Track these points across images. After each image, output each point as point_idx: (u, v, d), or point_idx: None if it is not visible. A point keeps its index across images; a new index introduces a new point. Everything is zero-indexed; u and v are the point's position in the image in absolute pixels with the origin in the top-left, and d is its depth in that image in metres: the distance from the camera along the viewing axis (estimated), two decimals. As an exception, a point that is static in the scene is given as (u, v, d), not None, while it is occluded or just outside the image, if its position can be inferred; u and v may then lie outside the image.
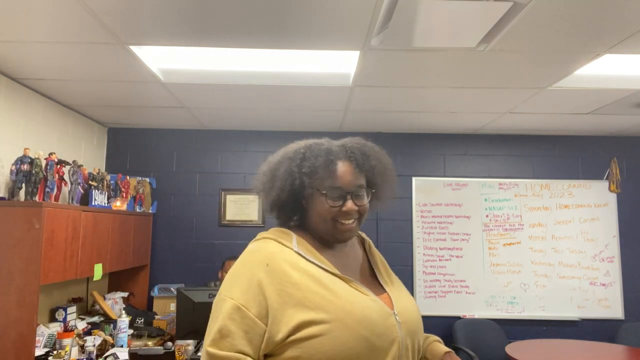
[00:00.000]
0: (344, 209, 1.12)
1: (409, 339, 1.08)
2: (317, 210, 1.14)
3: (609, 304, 4.06)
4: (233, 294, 1.05)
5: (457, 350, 3.77)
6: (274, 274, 1.05)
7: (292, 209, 1.20)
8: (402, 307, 1.11)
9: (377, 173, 1.19)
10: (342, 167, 1.15)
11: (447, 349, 1.22)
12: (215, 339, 1.01)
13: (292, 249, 1.11)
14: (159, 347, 2.95)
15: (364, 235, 1.32)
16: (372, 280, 1.19)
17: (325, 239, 1.17)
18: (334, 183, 1.13)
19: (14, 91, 2.90)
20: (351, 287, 1.08)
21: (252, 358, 1.01)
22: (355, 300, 1.05)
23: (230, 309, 1.03)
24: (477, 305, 4.07)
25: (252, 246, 1.16)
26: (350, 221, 1.14)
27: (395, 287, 1.18)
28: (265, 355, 1.04)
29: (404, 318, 1.09)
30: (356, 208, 1.14)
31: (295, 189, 1.14)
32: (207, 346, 1.02)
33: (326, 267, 1.09)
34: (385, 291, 1.15)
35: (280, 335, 1.00)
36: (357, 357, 0.99)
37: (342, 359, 0.98)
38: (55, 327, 2.94)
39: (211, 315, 1.07)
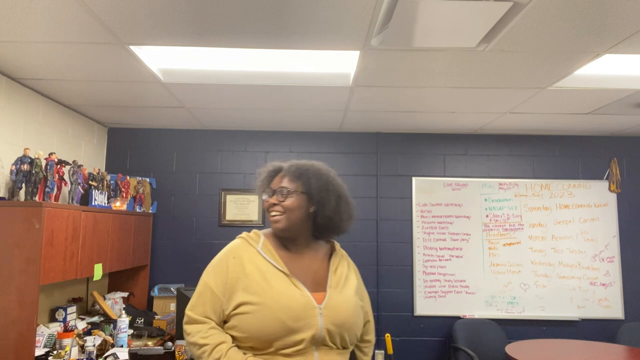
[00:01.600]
0: (270, 200, 1.52)
1: (329, 329, 1.39)
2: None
3: (609, 304, 4.06)
4: (208, 277, 1.49)
5: (457, 350, 3.77)
6: (236, 265, 1.46)
7: None
8: (331, 304, 1.43)
9: (298, 177, 1.52)
10: (277, 176, 1.55)
11: None
12: (192, 306, 1.47)
13: (255, 248, 1.50)
14: (159, 347, 2.95)
15: (336, 247, 1.65)
16: (320, 281, 1.50)
17: (286, 239, 1.54)
18: (268, 185, 1.55)
19: (14, 91, 2.90)
20: (290, 282, 1.43)
21: (214, 321, 1.44)
22: (286, 292, 1.40)
23: (203, 287, 1.47)
24: (477, 305, 4.07)
25: (230, 243, 1.56)
26: (275, 214, 1.50)
27: (337, 290, 1.48)
28: (224, 322, 1.45)
29: (328, 312, 1.41)
30: (277, 203, 1.50)
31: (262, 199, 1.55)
32: (187, 310, 1.47)
33: (276, 264, 1.46)
34: (324, 291, 1.47)
35: (229, 309, 1.42)
36: (274, 333, 1.35)
37: (263, 333, 1.36)
38: (55, 327, 2.94)
39: (195, 289, 1.51)
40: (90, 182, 3.20)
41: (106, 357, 2.79)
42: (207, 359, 1.39)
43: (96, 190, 3.25)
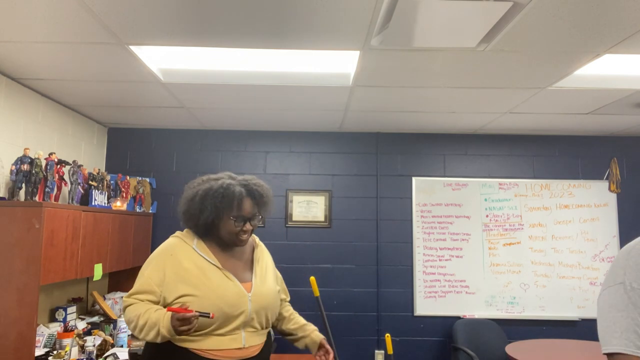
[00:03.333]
0: (244, 228, 1.75)
1: (255, 312, 1.70)
2: (227, 228, 1.74)
3: (609, 304, 4.05)
4: (146, 270, 1.71)
5: (457, 350, 3.77)
6: (174, 261, 1.69)
7: (205, 226, 1.76)
8: (256, 292, 1.73)
9: (263, 204, 1.82)
10: (246, 203, 1.76)
11: (322, 336, 1.91)
12: (129, 294, 1.71)
13: (191, 246, 1.74)
14: (159, 347, 2.95)
15: (257, 241, 1.94)
16: (246, 272, 1.79)
17: (228, 244, 1.78)
18: (240, 213, 1.74)
19: (14, 91, 2.90)
20: (223, 275, 1.69)
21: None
22: (221, 283, 1.67)
23: (144, 279, 1.69)
24: (477, 305, 4.07)
25: (167, 240, 1.80)
26: (246, 235, 1.78)
27: (260, 279, 1.78)
28: None
29: (255, 299, 1.71)
30: (252, 228, 1.78)
31: (215, 216, 1.73)
32: (124, 297, 1.72)
33: (210, 260, 1.71)
34: (251, 280, 1.76)
35: (170, 298, 1.64)
36: (213, 319, 1.59)
37: (203, 319, 1.56)
38: (55, 327, 2.94)
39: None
40: (90, 182, 3.20)
41: (106, 357, 2.79)
42: (140, 326, 1.59)
43: (96, 190, 3.25)
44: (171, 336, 1.56)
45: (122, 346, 3.01)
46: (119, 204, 3.45)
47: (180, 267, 1.67)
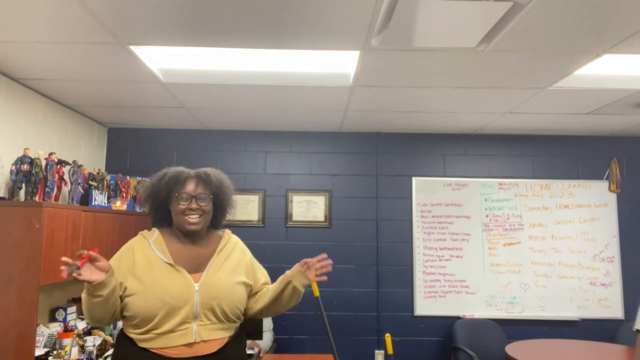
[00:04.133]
0: (190, 206, 1.72)
1: (203, 302, 1.65)
2: (175, 209, 1.74)
3: (609, 304, 4.06)
4: (112, 262, 1.69)
5: (457, 350, 3.77)
6: (128, 256, 1.73)
7: (161, 212, 1.80)
8: (205, 282, 1.69)
9: (211, 184, 1.79)
10: (190, 181, 1.78)
11: (297, 266, 1.79)
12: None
13: (148, 242, 1.75)
14: (159, 347, 2.95)
15: (227, 236, 1.90)
16: (204, 264, 1.74)
17: (182, 231, 1.76)
18: (182, 190, 1.75)
19: (14, 91, 2.90)
20: (172, 269, 1.68)
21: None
22: (166, 275, 1.66)
23: None
24: (477, 305, 4.07)
25: (133, 238, 1.81)
26: (195, 217, 1.73)
27: (213, 270, 1.73)
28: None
29: (203, 289, 1.67)
30: (198, 208, 1.73)
31: (163, 197, 1.77)
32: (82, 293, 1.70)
33: (160, 255, 1.71)
34: (202, 272, 1.71)
35: (122, 289, 1.66)
36: (155, 310, 1.61)
37: (146, 310, 1.61)
38: (55, 327, 2.94)
39: None
40: (90, 182, 3.20)
41: (106, 357, 2.79)
42: (83, 301, 1.64)
43: (96, 190, 3.25)
44: (88, 291, 1.56)
45: (122, 346, 3.01)
46: (119, 204, 3.45)
47: (132, 260, 1.71)
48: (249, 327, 2.00)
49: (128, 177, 3.76)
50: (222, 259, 1.79)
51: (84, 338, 2.89)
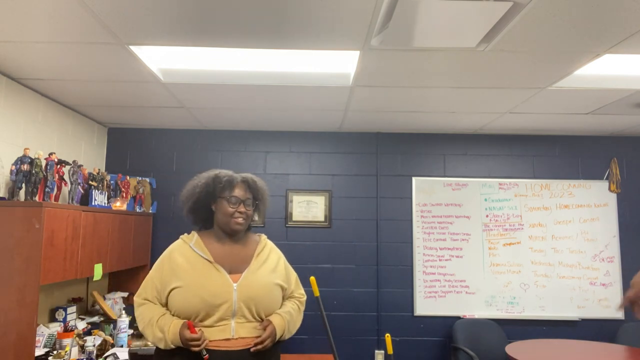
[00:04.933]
0: (239, 209, 1.89)
1: (243, 302, 1.78)
2: (222, 210, 1.90)
3: (609, 304, 4.06)
4: (152, 270, 1.92)
5: (457, 350, 3.77)
6: (171, 259, 1.87)
7: (205, 212, 1.95)
8: (244, 282, 1.82)
9: (257, 192, 1.97)
10: (239, 186, 1.93)
11: (271, 317, 1.85)
12: (138, 294, 1.91)
13: (188, 245, 1.90)
14: (159, 347, 2.95)
15: (263, 239, 2.03)
16: (242, 265, 1.88)
17: (226, 232, 1.92)
18: (232, 194, 1.90)
19: (14, 91, 2.90)
20: (213, 267, 1.82)
21: (152, 303, 1.85)
22: (206, 274, 1.80)
23: (148, 279, 1.91)
24: (477, 305, 4.07)
25: (174, 242, 1.96)
26: (242, 219, 1.90)
27: (252, 271, 1.86)
28: (166, 305, 1.84)
29: (241, 289, 1.80)
30: (246, 211, 1.91)
31: (211, 198, 1.92)
32: (134, 297, 1.91)
33: (202, 254, 1.85)
34: (241, 273, 1.84)
35: (166, 293, 1.81)
36: (196, 307, 1.75)
37: (187, 307, 1.75)
38: (55, 327, 2.94)
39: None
40: (90, 182, 3.20)
41: (106, 357, 2.79)
42: (147, 328, 1.79)
43: (96, 190, 3.25)
44: (173, 344, 1.73)
45: (122, 346, 3.01)
46: (119, 204, 3.45)
47: (175, 263, 1.85)
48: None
49: (128, 177, 3.76)
50: (260, 261, 1.93)
51: (84, 338, 2.89)
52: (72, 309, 3.21)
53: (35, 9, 1.97)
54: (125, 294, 3.75)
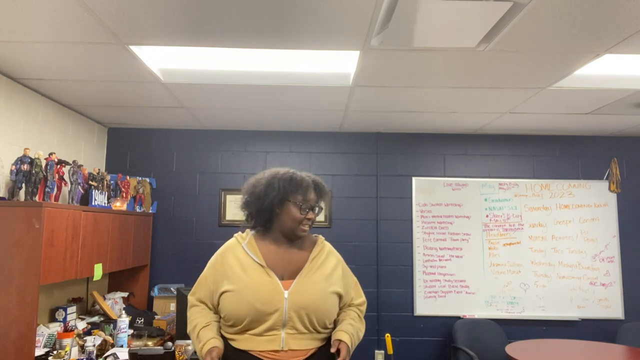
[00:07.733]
0: (308, 216, 1.75)
1: (294, 311, 1.63)
2: (290, 215, 1.74)
3: (609, 304, 4.06)
4: (206, 269, 1.83)
5: (457, 350, 3.77)
6: (224, 259, 1.77)
7: (268, 212, 1.77)
8: (296, 290, 1.66)
9: (323, 198, 1.82)
10: (311, 191, 1.78)
11: (342, 336, 1.67)
12: (192, 292, 1.83)
13: (241, 245, 1.78)
14: (159, 347, 2.95)
15: (320, 241, 1.85)
16: (296, 270, 1.73)
17: (287, 236, 1.78)
18: (306, 198, 1.76)
19: (14, 91, 2.90)
20: (264, 272, 1.69)
21: (205, 304, 1.79)
22: (258, 280, 1.67)
23: (202, 277, 1.82)
24: (477, 305, 4.07)
25: (228, 241, 1.85)
26: (308, 226, 1.77)
27: (305, 278, 1.70)
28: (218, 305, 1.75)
29: (293, 297, 1.64)
30: (314, 218, 1.78)
31: (280, 199, 1.74)
32: (188, 295, 1.84)
33: (254, 258, 1.73)
34: (293, 280, 1.69)
35: (218, 293, 1.72)
36: (245, 313, 1.63)
37: (237, 313, 1.64)
38: (55, 327, 2.94)
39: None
40: (90, 182, 3.20)
41: (106, 357, 2.79)
42: (191, 333, 1.75)
43: (96, 190, 3.25)
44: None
45: (122, 346, 3.01)
46: (119, 204, 3.45)
47: (227, 264, 1.74)
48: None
49: (128, 177, 3.76)
50: (315, 266, 1.75)
51: (84, 338, 2.89)
52: (72, 309, 3.21)
53: (35, 9, 1.97)
54: (125, 294, 3.75)
